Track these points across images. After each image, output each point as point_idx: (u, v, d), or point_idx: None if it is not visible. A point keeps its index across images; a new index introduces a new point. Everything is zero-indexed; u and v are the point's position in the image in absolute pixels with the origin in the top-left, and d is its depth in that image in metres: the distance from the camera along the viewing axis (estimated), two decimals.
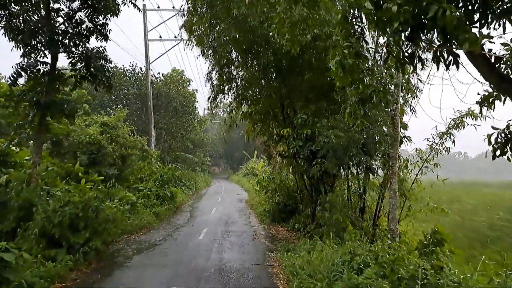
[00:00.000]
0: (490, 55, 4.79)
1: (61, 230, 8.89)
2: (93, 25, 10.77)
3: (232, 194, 32.69)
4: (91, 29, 10.72)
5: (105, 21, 10.79)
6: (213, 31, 12.98)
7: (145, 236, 13.31)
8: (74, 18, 10.39)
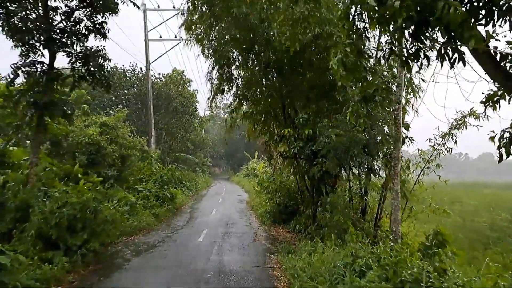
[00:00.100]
0: (496, 53, 4.68)
1: (58, 232, 8.77)
2: (91, 23, 10.66)
3: (233, 195, 32.57)
4: (90, 28, 10.61)
5: (104, 19, 10.69)
6: (213, 30, 12.87)
7: (144, 237, 13.19)
8: (73, 16, 10.27)
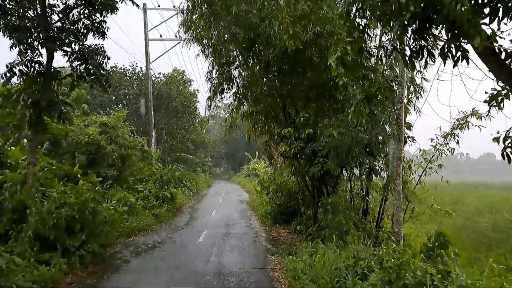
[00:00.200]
0: (501, 51, 4.56)
1: (56, 233, 8.65)
2: (90, 22, 10.55)
3: (233, 195, 32.48)
4: (89, 27, 10.50)
5: (103, 18, 10.57)
6: (213, 29, 12.75)
7: (143, 238, 13.07)
8: (70, 15, 10.16)
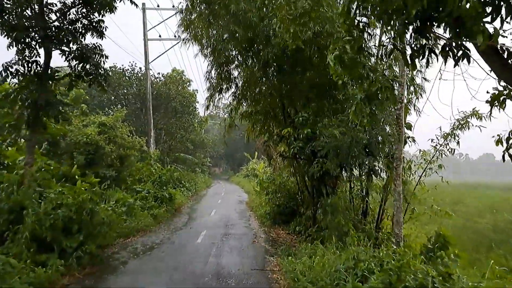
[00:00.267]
0: (503, 50, 4.48)
1: (53, 234, 8.55)
2: (88, 22, 10.46)
3: (233, 196, 32.38)
4: (87, 26, 10.41)
5: (101, 17, 10.49)
6: (211, 29, 12.67)
7: (142, 239, 12.98)
8: (68, 14, 10.07)
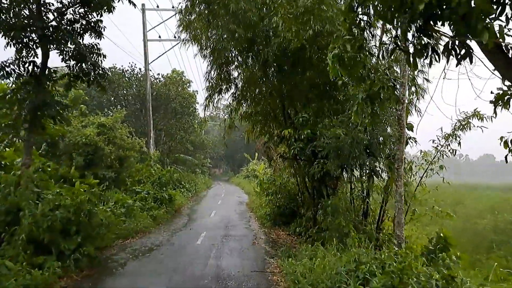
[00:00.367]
0: (508, 49, 4.40)
1: (50, 235, 8.45)
2: (86, 22, 10.37)
3: (233, 197, 32.28)
4: (85, 26, 10.32)
5: (99, 17, 10.40)
6: (211, 29, 12.59)
7: (141, 240, 12.88)
8: (66, 13, 9.97)
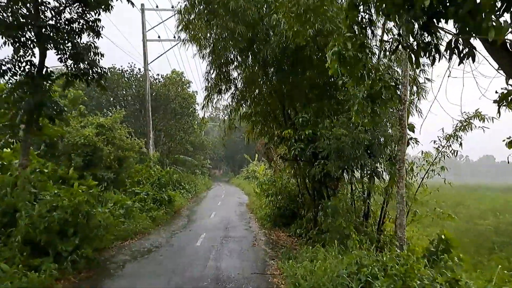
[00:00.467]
0: None
1: (47, 237, 8.34)
2: (84, 21, 10.27)
3: (233, 198, 32.16)
4: (83, 25, 10.23)
5: (97, 16, 10.30)
6: (210, 29, 12.50)
7: (140, 242, 12.76)
8: (63, 12, 9.88)
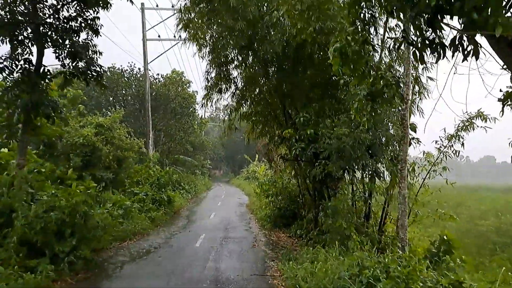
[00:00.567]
0: None
1: (44, 238, 8.22)
2: (83, 19, 10.16)
3: (233, 198, 32.06)
4: (81, 23, 10.12)
5: (96, 14, 10.19)
6: (211, 28, 12.41)
7: (138, 242, 12.64)
8: (61, 10, 9.77)
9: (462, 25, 4.23)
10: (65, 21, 10.10)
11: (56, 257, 8.42)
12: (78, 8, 9.97)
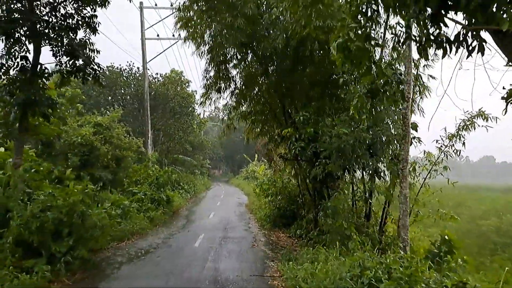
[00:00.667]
0: None
1: (40, 238, 8.10)
2: (81, 17, 10.06)
3: (232, 198, 31.96)
4: (78, 21, 10.01)
5: (94, 12, 10.08)
6: (210, 26, 12.30)
7: (137, 242, 12.54)
8: (58, 8, 9.66)
9: (467, 21, 4.15)
10: (62, 18, 10.01)
11: (52, 257, 8.32)
12: (75, 5, 9.88)
